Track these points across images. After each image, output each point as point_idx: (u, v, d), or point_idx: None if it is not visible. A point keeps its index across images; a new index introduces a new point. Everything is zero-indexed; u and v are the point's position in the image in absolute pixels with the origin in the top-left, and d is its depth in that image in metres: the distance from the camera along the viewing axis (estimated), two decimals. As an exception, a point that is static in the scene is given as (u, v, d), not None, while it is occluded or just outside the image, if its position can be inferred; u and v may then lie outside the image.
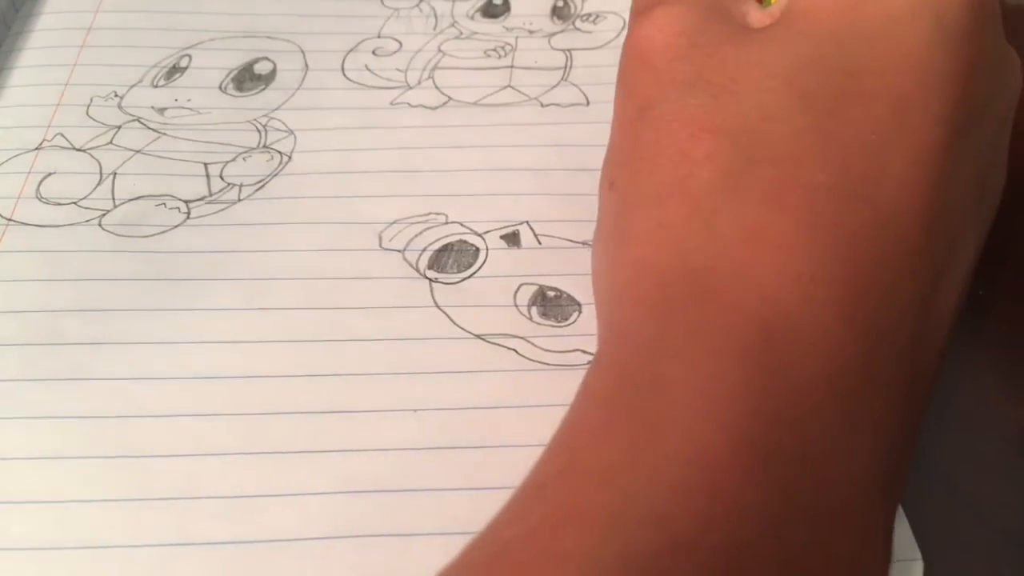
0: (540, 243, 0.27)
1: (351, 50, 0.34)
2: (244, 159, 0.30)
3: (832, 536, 0.16)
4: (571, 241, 0.27)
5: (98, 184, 0.29)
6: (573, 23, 0.35)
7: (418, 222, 0.28)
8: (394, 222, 0.28)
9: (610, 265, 0.20)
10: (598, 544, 0.15)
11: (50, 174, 0.29)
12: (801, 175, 0.18)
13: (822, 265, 0.17)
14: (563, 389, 0.24)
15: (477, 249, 0.27)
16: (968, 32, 0.19)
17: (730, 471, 0.15)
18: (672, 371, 0.16)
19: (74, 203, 0.28)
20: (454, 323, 0.25)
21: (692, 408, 0.16)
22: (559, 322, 0.25)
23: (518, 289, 0.26)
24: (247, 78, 0.33)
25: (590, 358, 0.25)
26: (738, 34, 0.20)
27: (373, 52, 0.34)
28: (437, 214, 0.28)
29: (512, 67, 0.33)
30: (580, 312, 0.26)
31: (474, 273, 0.27)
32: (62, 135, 0.30)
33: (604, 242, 0.21)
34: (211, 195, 0.29)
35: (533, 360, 0.24)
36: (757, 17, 0.21)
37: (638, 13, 0.22)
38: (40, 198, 0.28)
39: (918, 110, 0.18)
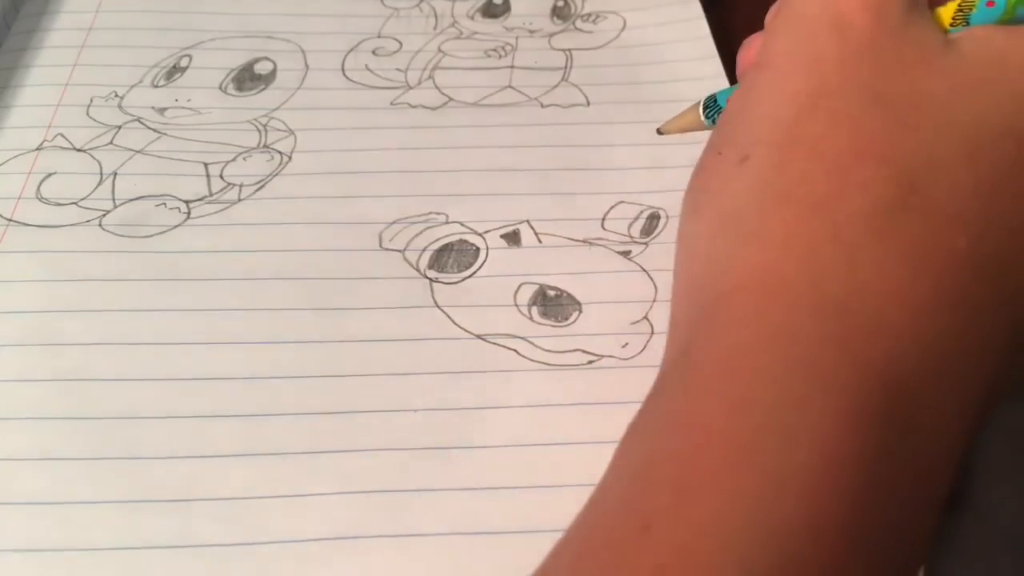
0: (541, 242, 0.27)
1: (351, 50, 0.34)
2: (244, 159, 0.30)
3: None
4: (572, 240, 0.27)
5: (98, 184, 0.29)
6: (573, 23, 0.35)
7: (418, 222, 0.28)
8: (394, 222, 0.28)
9: (718, 253, 0.18)
10: None
11: (50, 174, 0.29)
12: (946, 238, 0.17)
13: (944, 335, 0.16)
14: (563, 389, 0.24)
15: (477, 249, 0.27)
16: None
17: (839, 543, 0.15)
18: (797, 422, 0.15)
19: (74, 203, 0.28)
20: (454, 323, 0.25)
21: (816, 473, 0.15)
22: (559, 322, 0.25)
23: (518, 289, 0.26)
24: (247, 78, 0.33)
25: (590, 358, 0.24)
26: (933, 52, 0.19)
27: (373, 52, 0.34)
28: (437, 214, 0.28)
29: (512, 67, 0.33)
30: (580, 312, 0.26)
31: (474, 273, 0.27)
32: (62, 135, 0.30)
33: (717, 224, 0.19)
34: (211, 195, 0.29)
35: (533, 360, 0.24)
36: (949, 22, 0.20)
37: None
38: (40, 198, 0.28)
39: None
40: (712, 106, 0.24)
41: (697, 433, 0.16)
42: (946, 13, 0.20)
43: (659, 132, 0.26)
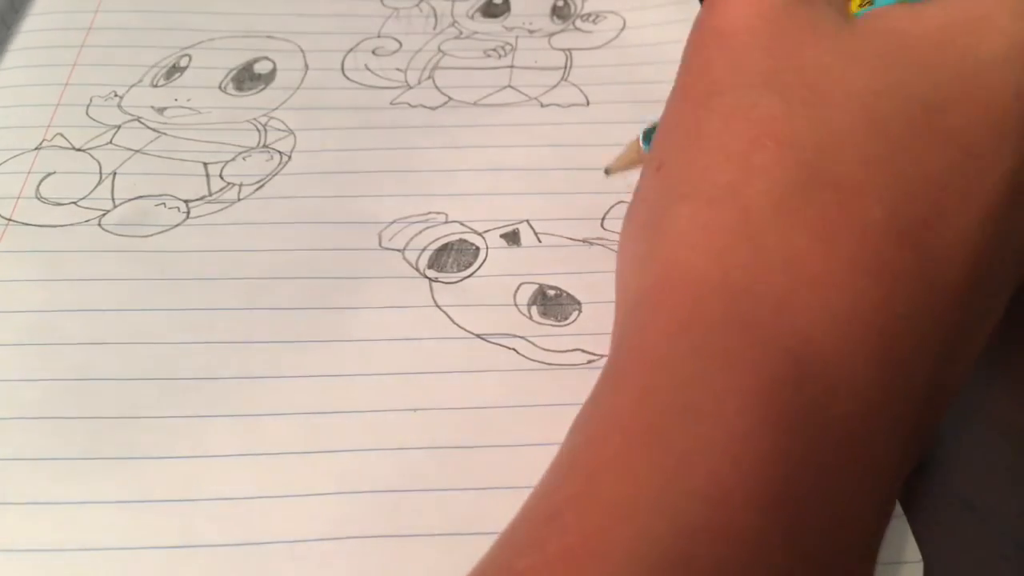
0: (540, 242, 0.27)
1: (351, 50, 0.34)
2: (244, 159, 0.30)
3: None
4: (571, 240, 0.27)
5: (98, 184, 0.29)
6: (573, 23, 0.35)
7: (418, 222, 0.28)
8: (394, 222, 0.28)
9: (642, 255, 0.19)
10: None
11: (50, 174, 0.29)
12: (858, 206, 0.17)
13: (861, 306, 0.17)
14: (563, 389, 0.24)
15: (477, 248, 0.27)
16: None
17: (750, 514, 0.15)
18: (702, 403, 0.16)
19: (74, 203, 0.28)
20: (454, 323, 0.25)
21: (719, 446, 0.15)
22: (559, 321, 0.25)
23: (518, 288, 0.26)
24: (247, 78, 0.33)
25: (590, 357, 0.25)
26: (825, 32, 0.19)
27: (373, 52, 0.34)
28: (437, 213, 0.28)
29: (512, 67, 0.33)
30: (580, 311, 0.26)
31: (474, 272, 0.27)
32: (62, 135, 0.30)
33: (639, 228, 0.20)
34: (211, 195, 0.29)
35: (533, 360, 0.24)
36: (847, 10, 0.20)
37: None
38: (40, 198, 0.28)
39: (988, 161, 0.17)
40: (651, 135, 0.25)
41: (607, 422, 0.17)
42: (854, 2, 0.20)
43: (607, 172, 0.28)
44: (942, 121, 0.18)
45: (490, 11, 0.36)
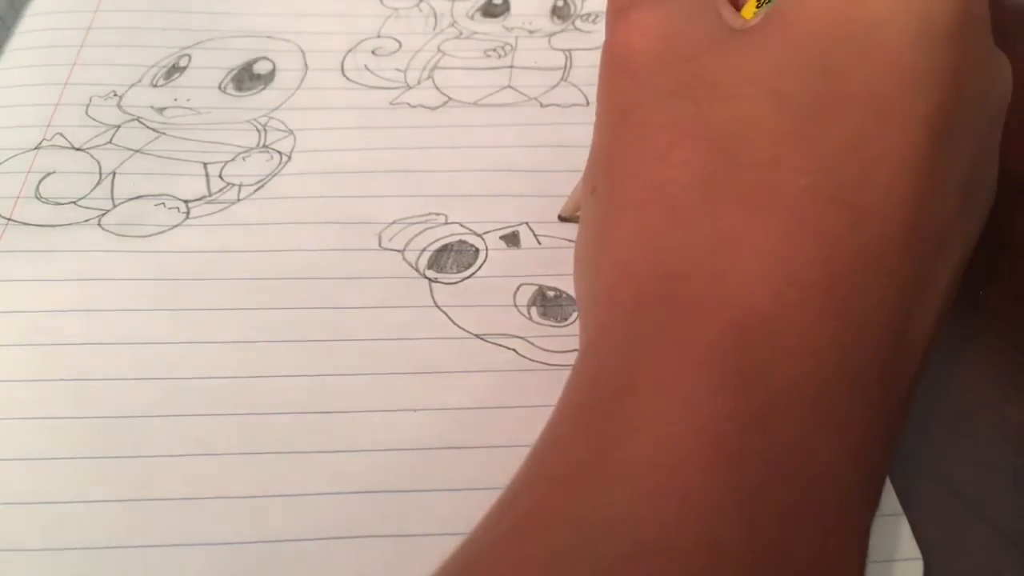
0: (540, 243, 0.27)
1: (351, 50, 0.34)
2: (244, 159, 0.30)
3: (806, 535, 0.16)
4: (571, 241, 0.27)
5: (97, 184, 0.29)
6: (573, 23, 0.35)
7: (418, 222, 0.28)
8: (394, 222, 0.28)
9: (591, 269, 0.20)
10: (566, 550, 0.15)
11: (50, 174, 0.29)
12: (781, 179, 0.18)
13: (800, 269, 0.17)
14: (562, 389, 0.24)
15: (477, 249, 0.27)
16: (952, 35, 0.18)
17: (700, 473, 0.15)
18: (643, 376, 0.16)
19: (73, 203, 0.28)
20: (454, 323, 0.25)
21: (661, 411, 0.16)
22: (558, 322, 0.25)
23: (518, 289, 0.26)
24: (247, 78, 0.33)
25: (590, 358, 0.25)
26: (719, 38, 0.20)
27: (373, 52, 0.34)
28: (437, 214, 0.28)
29: (512, 67, 0.33)
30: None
31: (474, 273, 0.27)
32: (61, 135, 0.30)
33: (585, 247, 0.21)
34: (211, 195, 0.29)
35: (533, 360, 0.24)
36: (737, 19, 0.21)
37: (615, 14, 0.21)
38: (40, 198, 0.28)
39: (901, 113, 0.18)
40: None
41: (557, 412, 0.18)
42: (747, 12, 0.21)
43: (560, 219, 0.28)
44: (845, 86, 0.18)
45: (490, 11, 0.36)
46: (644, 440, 0.16)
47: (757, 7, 0.21)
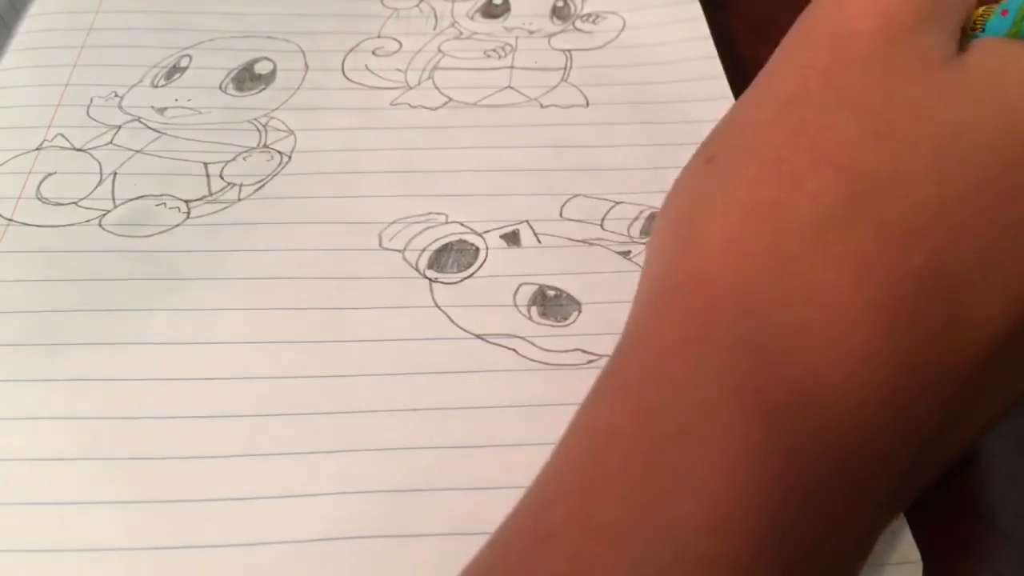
0: (540, 242, 0.27)
1: (351, 50, 0.34)
2: (244, 159, 0.30)
3: None
4: (571, 240, 0.27)
5: (98, 184, 0.29)
6: (573, 23, 0.35)
7: (418, 222, 0.28)
8: (394, 222, 0.28)
9: (668, 254, 0.19)
10: None
11: (50, 174, 0.29)
12: (898, 251, 0.16)
13: (877, 351, 0.16)
14: (563, 389, 0.24)
15: (477, 249, 0.27)
16: None
17: (744, 543, 0.15)
18: (703, 427, 0.15)
19: (74, 203, 0.28)
20: (454, 323, 0.25)
21: (719, 473, 0.15)
22: (559, 322, 0.25)
23: (518, 289, 0.26)
24: (247, 78, 0.33)
25: (590, 357, 0.25)
26: (929, 62, 0.18)
27: (373, 52, 0.34)
28: (437, 214, 0.28)
29: (512, 67, 0.33)
30: (580, 312, 0.26)
31: (474, 273, 0.27)
32: (62, 135, 0.30)
33: (675, 221, 0.19)
34: (211, 195, 0.29)
35: (533, 360, 0.24)
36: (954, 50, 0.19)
37: None
38: (40, 198, 0.28)
39: None
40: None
41: (605, 437, 0.16)
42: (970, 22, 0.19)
43: None
44: (1017, 179, 0.17)
45: (490, 11, 0.36)
46: (696, 502, 0.15)
47: (974, 25, 0.19)
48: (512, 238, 0.27)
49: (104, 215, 0.28)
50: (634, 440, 0.16)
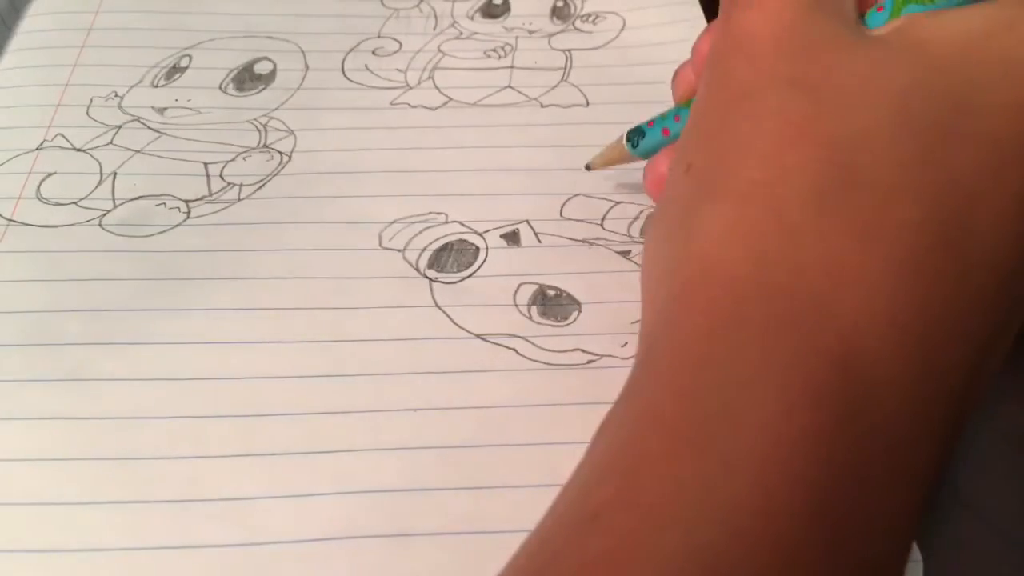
0: (540, 242, 0.27)
1: (351, 50, 0.34)
2: (244, 159, 0.30)
3: None
4: (571, 240, 0.27)
5: (98, 184, 0.29)
6: (573, 23, 0.35)
7: (418, 222, 0.28)
8: (394, 222, 0.28)
9: (673, 254, 0.19)
10: None
11: (50, 174, 0.29)
12: (895, 208, 0.17)
13: (901, 309, 0.16)
14: (563, 389, 0.24)
15: (477, 248, 0.27)
16: None
17: (795, 523, 0.15)
18: (744, 404, 0.16)
19: (74, 203, 0.28)
20: (454, 323, 0.25)
21: (762, 451, 0.15)
22: (559, 321, 0.25)
23: (518, 289, 0.26)
24: (247, 78, 0.33)
25: (590, 357, 0.25)
26: (848, 40, 0.19)
27: (373, 52, 0.34)
28: (437, 214, 0.28)
29: (512, 67, 0.33)
30: (580, 311, 0.26)
31: (474, 272, 0.27)
32: (62, 135, 0.30)
33: (668, 228, 0.20)
34: (211, 195, 0.29)
35: (533, 360, 0.24)
36: (866, 27, 0.20)
37: None
38: (40, 198, 0.28)
39: (1016, 159, 0.17)
40: (635, 136, 0.26)
41: (646, 421, 0.16)
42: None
43: (587, 167, 0.28)
44: (972, 123, 0.18)
45: (490, 11, 0.36)
46: (743, 482, 0.15)
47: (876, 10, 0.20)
48: (512, 238, 0.27)
49: (104, 215, 0.28)
50: (676, 421, 0.16)
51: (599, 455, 0.17)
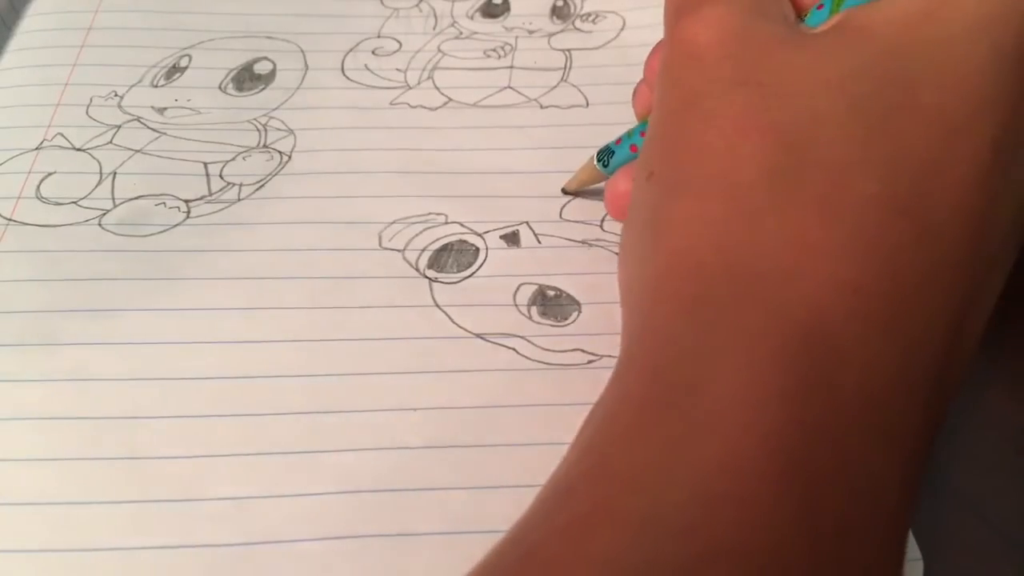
0: (540, 242, 0.27)
1: (351, 50, 0.34)
2: (244, 159, 0.30)
3: (858, 548, 0.16)
4: (571, 240, 0.27)
5: (98, 184, 0.29)
6: (573, 23, 0.35)
7: (418, 222, 0.28)
8: (394, 222, 0.28)
9: (643, 254, 0.20)
10: (627, 549, 0.15)
11: (50, 174, 0.29)
12: (852, 183, 0.18)
13: (867, 277, 0.17)
14: (563, 388, 0.24)
15: (477, 249, 0.27)
16: (1022, 60, 0.18)
17: (764, 482, 0.15)
18: (711, 375, 0.16)
19: (74, 203, 0.28)
20: (454, 323, 0.25)
21: (730, 416, 0.16)
22: (559, 321, 0.25)
23: (518, 289, 0.26)
24: (247, 78, 0.33)
25: (590, 357, 0.25)
26: (789, 38, 0.20)
27: (373, 52, 0.34)
28: (437, 214, 0.28)
29: (512, 67, 0.33)
30: (580, 311, 0.26)
31: (474, 273, 0.27)
32: (62, 135, 0.30)
33: (637, 232, 0.21)
34: (211, 195, 0.29)
35: (533, 359, 0.24)
36: (807, 26, 0.21)
37: (681, 7, 0.21)
38: (40, 198, 0.28)
39: (968, 131, 0.18)
40: (605, 155, 0.27)
41: (617, 401, 0.18)
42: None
43: (564, 191, 0.29)
44: (918, 99, 0.18)
45: (490, 11, 0.36)
46: (710, 444, 0.15)
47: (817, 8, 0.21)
48: (512, 238, 0.27)
49: (104, 215, 0.28)
50: (643, 396, 0.17)
51: (578, 440, 0.18)
